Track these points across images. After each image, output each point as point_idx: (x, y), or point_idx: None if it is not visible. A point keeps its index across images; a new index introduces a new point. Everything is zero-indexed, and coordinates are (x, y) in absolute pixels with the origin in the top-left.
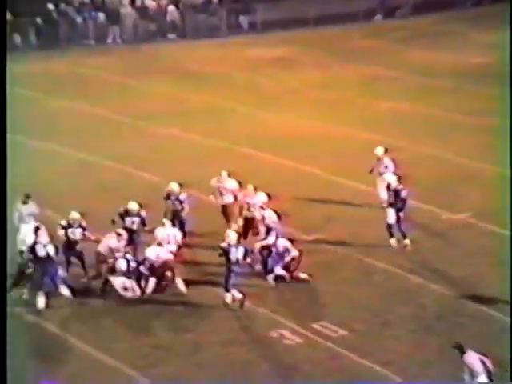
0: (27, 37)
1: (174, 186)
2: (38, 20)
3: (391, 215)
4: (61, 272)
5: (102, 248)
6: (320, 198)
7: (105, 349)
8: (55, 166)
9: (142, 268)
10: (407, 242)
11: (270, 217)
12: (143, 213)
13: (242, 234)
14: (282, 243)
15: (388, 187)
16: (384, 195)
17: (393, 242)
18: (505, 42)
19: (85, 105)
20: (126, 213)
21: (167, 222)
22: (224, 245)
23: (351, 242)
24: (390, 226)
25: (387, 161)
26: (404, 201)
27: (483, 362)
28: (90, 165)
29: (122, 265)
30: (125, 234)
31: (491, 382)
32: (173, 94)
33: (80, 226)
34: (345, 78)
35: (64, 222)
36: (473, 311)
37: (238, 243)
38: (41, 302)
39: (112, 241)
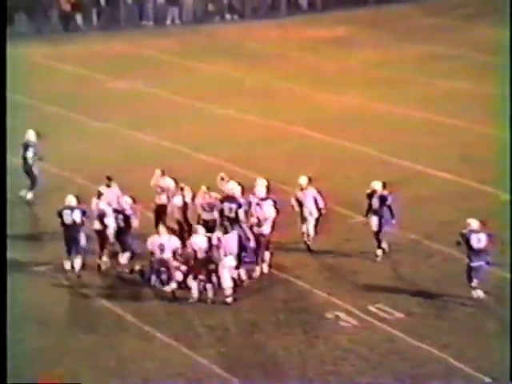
0: (89, 17)
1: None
2: (101, 0)
3: (374, 223)
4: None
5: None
6: (377, 179)
7: (162, 328)
8: (113, 147)
9: None
10: (379, 252)
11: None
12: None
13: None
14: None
15: (372, 194)
16: (310, 229)
17: (379, 252)
18: None
19: (143, 86)
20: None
21: None
22: None
23: (409, 223)
24: (374, 234)
25: (313, 192)
26: (390, 207)
27: None
28: (147, 145)
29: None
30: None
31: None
32: (230, 74)
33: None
34: (404, 57)
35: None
36: None
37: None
38: (67, 264)
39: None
